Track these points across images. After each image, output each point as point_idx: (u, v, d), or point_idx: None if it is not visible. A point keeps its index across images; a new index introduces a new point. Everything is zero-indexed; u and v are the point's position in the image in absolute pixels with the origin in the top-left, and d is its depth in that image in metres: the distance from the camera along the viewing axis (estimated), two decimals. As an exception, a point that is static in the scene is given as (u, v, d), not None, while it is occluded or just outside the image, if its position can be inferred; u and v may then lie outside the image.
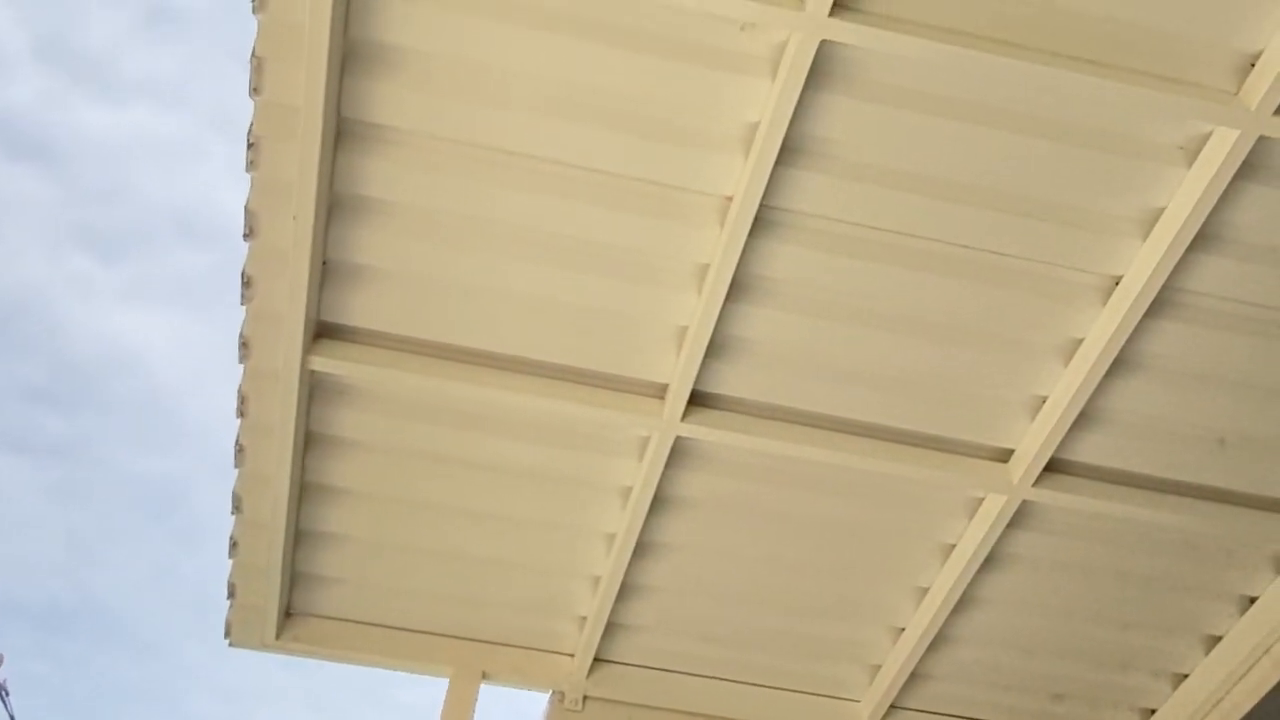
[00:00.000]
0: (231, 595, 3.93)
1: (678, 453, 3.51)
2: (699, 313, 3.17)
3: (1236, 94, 2.78)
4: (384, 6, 2.75)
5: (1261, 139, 2.82)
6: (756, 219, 2.99)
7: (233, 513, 3.69)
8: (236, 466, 3.58)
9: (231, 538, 3.76)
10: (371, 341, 3.33)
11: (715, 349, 3.28)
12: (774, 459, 3.52)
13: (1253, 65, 2.75)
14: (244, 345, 3.29)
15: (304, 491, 3.66)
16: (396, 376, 3.34)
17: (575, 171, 2.99)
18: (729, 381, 3.38)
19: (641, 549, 3.76)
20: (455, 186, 3.03)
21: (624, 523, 3.66)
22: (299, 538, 3.80)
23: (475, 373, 3.34)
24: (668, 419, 3.38)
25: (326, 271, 3.18)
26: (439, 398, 3.43)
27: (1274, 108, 2.76)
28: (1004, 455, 3.51)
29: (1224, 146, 2.83)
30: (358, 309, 3.27)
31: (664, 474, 3.53)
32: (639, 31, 2.76)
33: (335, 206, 3.07)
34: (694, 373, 3.30)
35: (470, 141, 2.96)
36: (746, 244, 3.03)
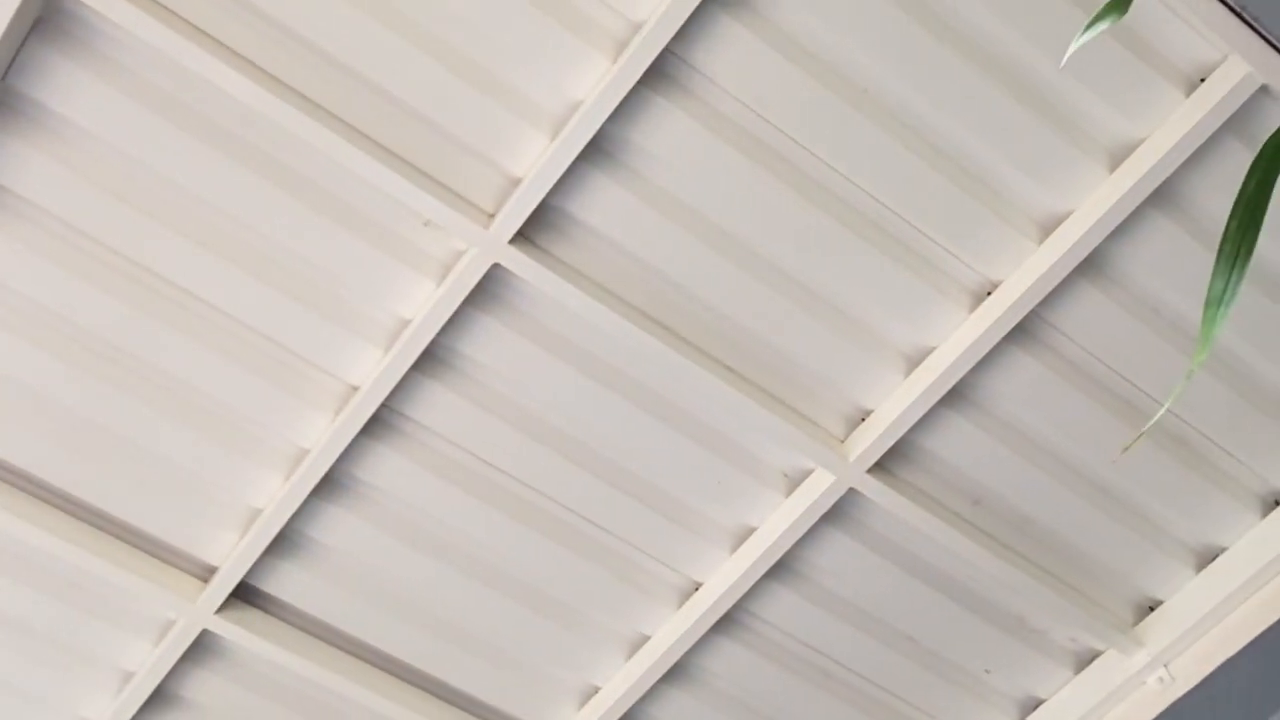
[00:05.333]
0: None
1: (200, 647, 3.10)
2: (279, 499, 2.91)
3: (843, 442, 2.98)
4: (51, 66, 2.49)
5: (852, 490, 3.02)
6: (374, 418, 2.83)
7: None
8: None
9: None
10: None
11: (282, 543, 3.00)
12: (301, 682, 3.19)
13: (862, 420, 2.97)
14: None
15: None
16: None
17: (199, 305, 2.73)
18: (284, 583, 3.07)
19: (118, 750, 3.24)
20: (52, 276, 2.67)
21: (108, 712, 3.16)
22: None
23: (-2, 493, 2.87)
24: (202, 606, 3.01)
25: None
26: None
27: (870, 464, 2.97)
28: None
29: (819, 487, 2.99)
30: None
31: (175, 666, 3.11)
32: (323, 191, 2.64)
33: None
34: (250, 563, 2.99)
35: (94, 237, 2.66)
36: (355, 440, 2.85)
